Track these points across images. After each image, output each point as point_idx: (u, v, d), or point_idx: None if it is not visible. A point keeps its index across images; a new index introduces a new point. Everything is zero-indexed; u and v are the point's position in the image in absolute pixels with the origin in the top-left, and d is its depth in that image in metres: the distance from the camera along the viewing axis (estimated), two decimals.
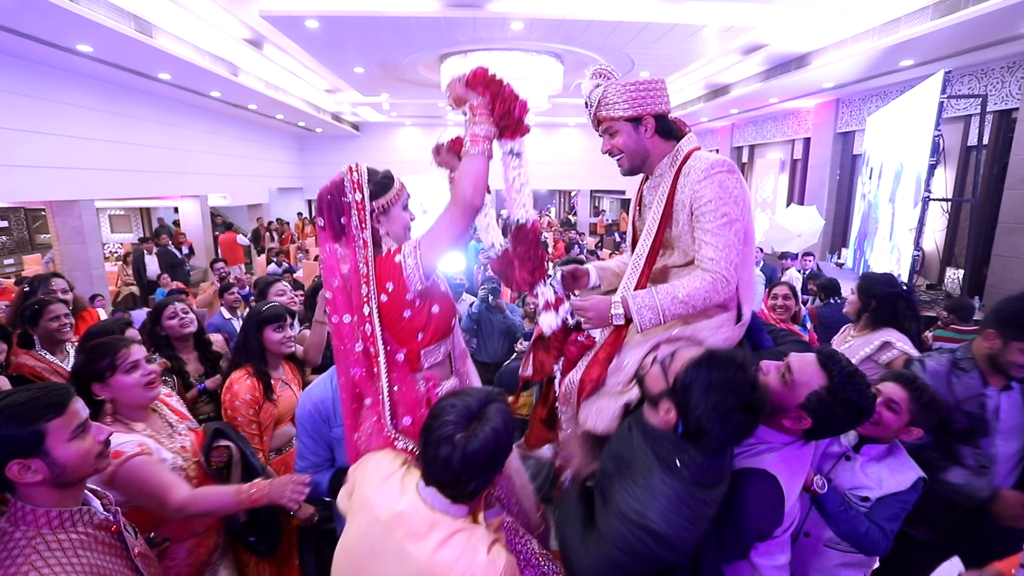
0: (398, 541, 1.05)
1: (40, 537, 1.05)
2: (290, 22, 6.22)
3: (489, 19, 6.22)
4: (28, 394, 1.08)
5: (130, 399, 1.52)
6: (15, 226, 12.29)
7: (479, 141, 1.31)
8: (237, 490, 1.49)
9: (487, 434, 1.04)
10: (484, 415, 1.07)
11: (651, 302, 1.34)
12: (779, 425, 1.28)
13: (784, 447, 1.28)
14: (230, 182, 11.55)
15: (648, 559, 1.12)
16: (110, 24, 5.06)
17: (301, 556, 1.96)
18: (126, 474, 1.38)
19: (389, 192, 1.38)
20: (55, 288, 3.00)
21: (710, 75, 8.97)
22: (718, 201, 1.33)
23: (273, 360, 2.21)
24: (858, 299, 2.34)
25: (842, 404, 1.21)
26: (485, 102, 1.33)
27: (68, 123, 6.82)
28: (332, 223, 1.35)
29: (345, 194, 1.33)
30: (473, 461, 1.03)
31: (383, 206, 1.37)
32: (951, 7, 4.81)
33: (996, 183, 6.07)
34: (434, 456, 1.05)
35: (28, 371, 2.41)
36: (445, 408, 1.08)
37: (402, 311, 1.34)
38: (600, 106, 1.47)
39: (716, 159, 1.38)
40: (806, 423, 1.24)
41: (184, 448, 1.62)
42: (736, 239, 1.35)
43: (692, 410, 1.10)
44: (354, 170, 1.34)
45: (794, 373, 1.25)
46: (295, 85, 9.96)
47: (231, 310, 3.81)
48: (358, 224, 1.33)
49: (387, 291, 1.32)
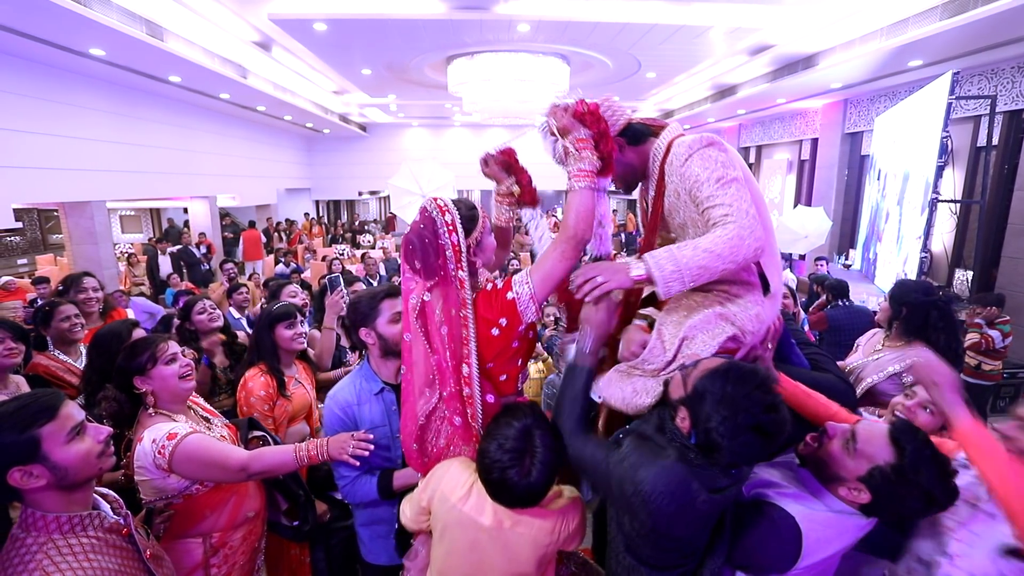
0: (504, 532, 1.27)
1: (51, 542, 1.07)
2: (298, 25, 6.28)
3: (496, 21, 6.24)
4: (18, 402, 1.10)
5: (170, 389, 1.57)
6: (28, 226, 12.46)
7: (585, 176, 1.30)
8: (295, 447, 1.56)
9: (539, 469, 1.22)
10: (533, 448, 1.23)
11: (669, 255, 1.23)
12: (835, 492, 1.18)
13: (831, 512, 1.18)
14: (239, 183, 11.65)
15: (627, 510, 1.18)
16: (122, 28, 5.13)
17: (312, 552, 2.00)
18: (184, 451, 1.43)
19: (479, 223, 1.38)
20: (87, 286, 3.04)
21: (717, 76, 8.94)
22: (707, 172, 1.29)
23: (286, 357, 2.27)
24: (889, 306, 2.27)
25: (910, 487, 1.09)
26: (591, 135, 1.32)
27: (80, 125, 6.91)
28: (425, 265, 1.33)
29: (439, 236, 1.32)
30: (531, 492, 1.23)
31: (477, 239, 1.38)
32: (960, 7, 4.78)
33: (1006, 184, 6.02)
34: (496, 493, 1.24)
35: (43, 370, 2.45)
36: (495, 446, 1.23)
37: (511, 342, 1.38)
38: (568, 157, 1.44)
39: (693, 139, 1.34)
40: (864, 498, 1.14)
41: (224, 437, 1.67)
42: (741, 192, 1.27)
43: (703, 421, 1.08)
44: (446, 210, 1.32)
45: (859, 443, 1.15)
46: (303, 87, 10.03)
47: (239, 309, 3.89)
48: (455, 265, 1.32)
49: (500, 326, 1.35)
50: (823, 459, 1.20)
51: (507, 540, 1.28)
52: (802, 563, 1.14)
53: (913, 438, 1.12)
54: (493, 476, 1.22)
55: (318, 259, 9.74)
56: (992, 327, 4.14)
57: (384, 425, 1.63)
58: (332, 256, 8.63)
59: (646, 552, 1.21)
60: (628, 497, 1.14)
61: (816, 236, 7.09)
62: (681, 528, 1.14)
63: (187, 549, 1.53)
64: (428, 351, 1.38)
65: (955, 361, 2.13)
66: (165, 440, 1.43)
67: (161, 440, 1.43)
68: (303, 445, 1.55)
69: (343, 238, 14.63)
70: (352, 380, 1.69)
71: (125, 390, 1.57)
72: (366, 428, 1.61)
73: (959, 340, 2.17)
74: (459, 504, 1.29)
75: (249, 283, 6.10)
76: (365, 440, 1.53)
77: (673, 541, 1.17)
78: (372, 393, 1.65)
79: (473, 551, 1.29)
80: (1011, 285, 5.71)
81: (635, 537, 1.21)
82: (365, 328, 1.64)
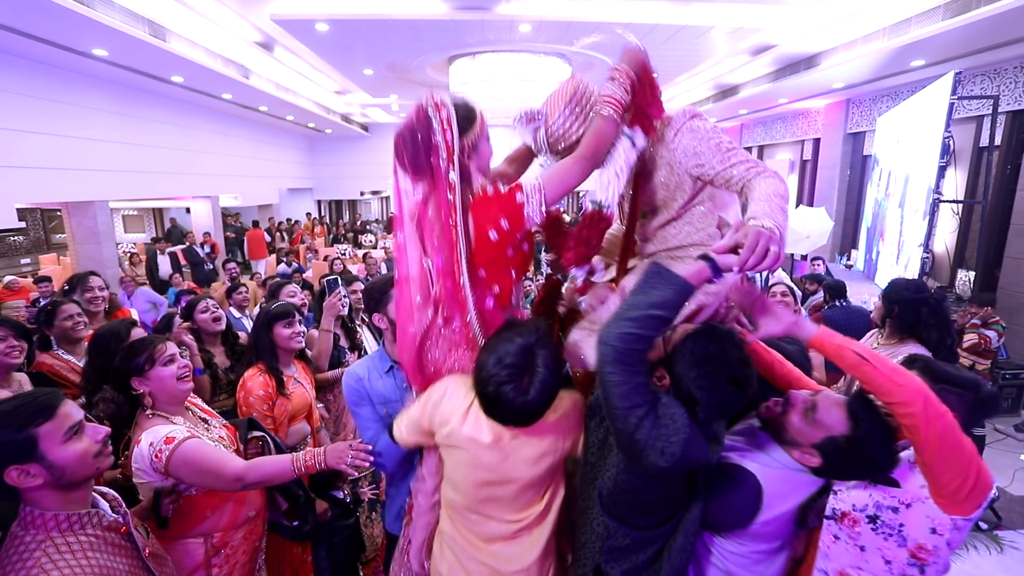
0: (504, 449, 1.27)
1: (50, 540, 1.07)
2: (300, 26, 6.29)
3: (497, 21, 6.25)
4: (16, 402, 1.10)
5: (167, 391, 1.57)
6: (32, 226, 12.52)
7: (610, 103, 1.28)
8: (292, 457, 1.54)
9: (537, 388, 1.17)
10: (534, 367, 1.18)
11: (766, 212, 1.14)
12: (790, 453, 1.27)
13: (786, 469, 1.27)
14: (241, 182, 11.69)
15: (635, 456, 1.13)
16: (125, 29, 5.16)
17: (314, 551, 2.01)
18: (181, 456, 1.42)
19: (476, 125, 1.31)
20: (93, 285, 3.05)
21: (719, 76, 8.94)
22: (703, 143, 1.32)
23: (284, 356, 2.27)
24: (883, 305, 2.32)
25: (859, 456, 1.18)
26: (631, 74, 1.31)
27: (83, 125, 6.94)
28: (415, 164, 1.26)
29: (433, 134, 1.23)
30: (526, 411, 1.19)
31: (472, 142, 1.30)
32: (962, 7, 4.77)
33: (1008, 184, 6.01)
34: (490, 409, 1.20)
35: (48, 369, 2.46)
36: (494, 359, 1.18)
37: (507, 249, 1.31)
38: (556, 142, 1.41)
39: (676, 114, 1.38)
40: (815, 462, 1.23)
41: (223, 438, 1.67)
42: (743, 151, 1.32)
43: (685, 376, 1.16)
44: (442, 106, 1.24)
45: (818, 413, 1.22)
46: (305, 87, 10.05)
47: (239, 309, 3.90)
48: (447, 166, 1.24)
49: (500, 229, 1.28)
50: (783, 424, 1.28)
51: (508, 456, 1.28)
52: (761, 517, 1.24)
53: (869, 413, 1.20)
54: (488, 390, 1.19)
55: (320, 259, 9.76)
56: (987, 327, 4.21)
57: (396, 400, 1.65)
58: (334, 256, 8.64)
59: (621, 511, 1.25)
60: (646, 442, 1.09)
61: (818, 236, 7.06)
62: (667, 487, 1.21)
63: (188, 549, 1.53)
64: (423, 254, 1.34)
65: (949, 356, 2.18)
66: (162, 444, 1.43)
67: (158, 444, 1.43)
68: (300, 455, 1.54)
69: (345, 238, 14.66)
70: (367, 358, 1.75)
71: (123, 391, 1.57)
72: (378, 402, 1.64)
73: (952, 336, 2.22)
74: (458, 425, 1.29)
75: (251, 283, 6.12)
76: (363, 450, 1.52)
77: (656, 497, 1.23)
78: (383, 371, 1.69)
79: (478, 468, 1.30)
80: (1013, 286, 5.70)
81: (621, 492, 1.22)
82: (378, 314, 1.69)
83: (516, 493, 1.33)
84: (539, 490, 1.37)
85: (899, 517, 1.20)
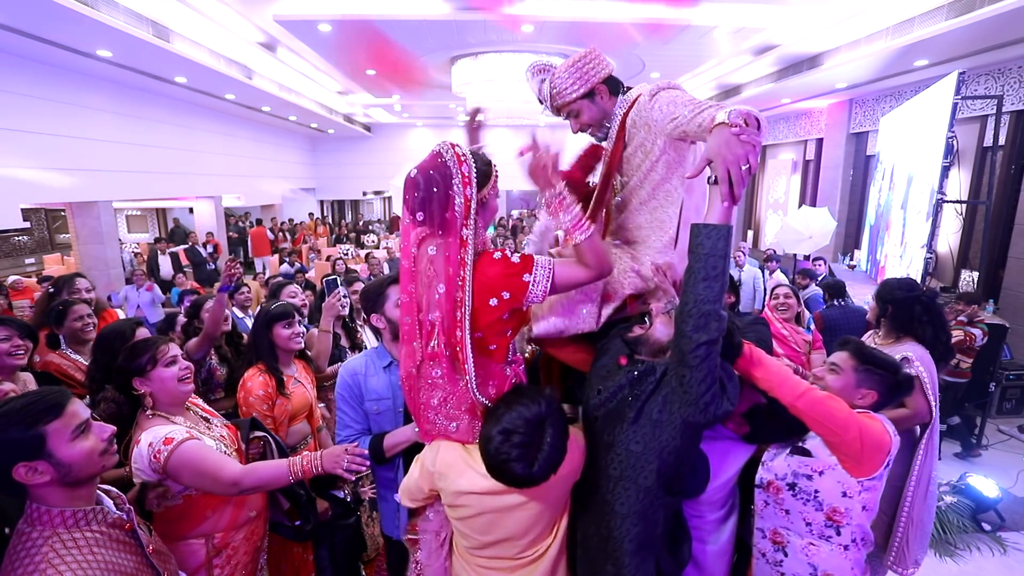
0: (505, 498, 1.29)
1: (56, 536, 1.09)
2: (303, 26, 6.31)
3: (499, 21, 6.25)
4: (25, 399, 1.11)
5: (169, 391, 1.58)
6: (36, 226, 12.57)
7: (579, 228, 1.25)
8: (289, 462, 1.55)
9: (542, 464, 1.19)
10: (541, 443, 1.20)
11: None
12: (725, 425, 1.51)
13: (725, 440, 1.51)
14: (244, 183, 11.72)
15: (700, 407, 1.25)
16: (129, 30, 5.18)
17: (316, 551, 2.01)
18: (179, 458, 1.43)
19: (490, 181, 1.29)
20: (79, 287, 3.06)
21: (721, 76, 8.92)
22: (678, 102, 1.33)
23: (284, 357, 2.27)
24: (876, 305, 2.32)
25: (778, 422, 1.43)
26: (563, 188, 1.28)
27: (87, 126, 6.98)
28: (426, 211, 1.21)
29: (452, 187, 1.20)
30: (530, 481, 1.20)
31: (483, 198, 1.27)
32: (966, 6, 4.76)
33: (1012, 184, 5.99)
34: (495, 475, 1.22)
35: (55, 368, 2.47)
36: (501, 435, 1.19)
37: (503, 314, 1.30)
38: (555, 96, 1.53)
39: (653, 87, 1.45)
40: (745, 430, 1.49)
41: (224, 438, 1.68)
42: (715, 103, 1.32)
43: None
44: (463, 161, 1.22)
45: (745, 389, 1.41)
46: (308, 87, 10.07)
47: (242, 308, 3.92)
48: (462, 222, 1.22)
49: (500, 298, 1.26)
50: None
51: (513, 509, 1.31)
52: (712, 484, 1.44)
53: None
54: (494, 462, 1.20)
55: (322, 259, 9.78)
56: (973, 325, 4.23)
57: (388, 398, 1.66)
58: (336, 256, 8.66)
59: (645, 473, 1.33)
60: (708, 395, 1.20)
61: (820, 236, 7.05)
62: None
63: (190, 550, 1.54)
64: (418, 309, 1.30)
65: (944, 353, 2.20)
66: (161, 445, 1.43)
67: (157, 444, 1.44)
68: (297, 460, 1.54)
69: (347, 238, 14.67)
70: (366, 354, 1.77)
71: (124, 391, 1.58)
72: (371, 399, 1.65)
73: (948, 332, 2.24)
74: (458, 479, 1.32)
75: (254, 283, 6.13)
76: (360, 455, 1.52)
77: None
78: (381, 367, 1.70)
79: (482, 515, 1.33)
80: (1017, 286, 5.68)
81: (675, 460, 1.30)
82: (376, 314, 1.71)
83: (524, 532, 1.36)
84: (549, 526, 1.39)
85: (813, 484, 1.44)
